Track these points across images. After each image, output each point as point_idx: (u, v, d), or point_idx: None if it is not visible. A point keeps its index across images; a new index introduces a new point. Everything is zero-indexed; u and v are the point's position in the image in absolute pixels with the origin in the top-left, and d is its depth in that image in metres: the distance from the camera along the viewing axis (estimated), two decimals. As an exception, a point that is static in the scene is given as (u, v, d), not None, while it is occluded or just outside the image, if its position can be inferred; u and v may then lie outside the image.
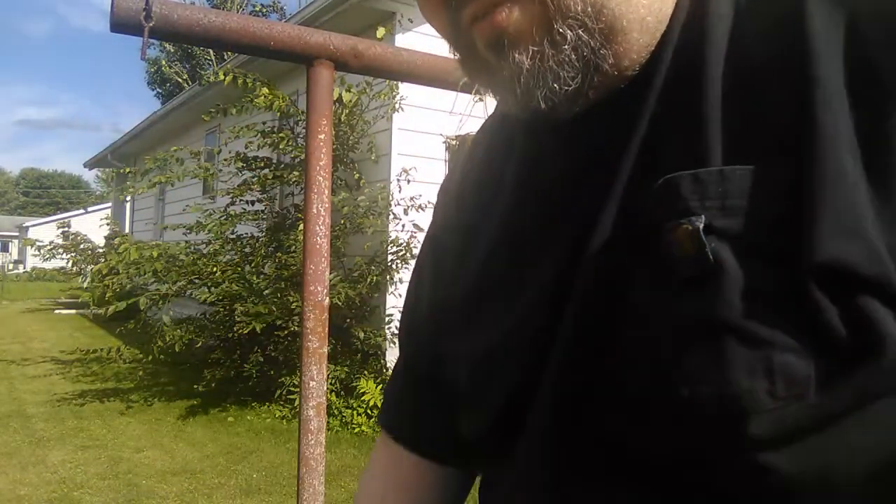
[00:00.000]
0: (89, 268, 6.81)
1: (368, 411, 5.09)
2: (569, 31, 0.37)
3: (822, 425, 0.32)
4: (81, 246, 6.89)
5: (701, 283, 0.34)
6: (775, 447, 0.32)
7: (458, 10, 0.40)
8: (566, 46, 0.37)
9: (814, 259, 0.31)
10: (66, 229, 7.17)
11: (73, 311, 14.36)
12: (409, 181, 5.52)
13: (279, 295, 5.22)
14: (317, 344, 1.30)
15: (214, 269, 5.53)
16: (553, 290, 0.42)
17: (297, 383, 5.00)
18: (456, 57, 0.44)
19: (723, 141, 0.35)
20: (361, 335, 5.31)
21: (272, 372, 5.45)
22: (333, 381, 5.18)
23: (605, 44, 0.38)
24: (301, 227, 3.88)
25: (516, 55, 0.38)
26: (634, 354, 0.37)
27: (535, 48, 0.38)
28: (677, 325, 0.34)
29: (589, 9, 0.37)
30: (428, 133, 5.75)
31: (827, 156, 0.32)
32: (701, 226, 0.34)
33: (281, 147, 5.71)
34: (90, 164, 17.22)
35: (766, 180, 0.33)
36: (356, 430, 4.95)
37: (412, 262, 5.37)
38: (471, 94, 1.47)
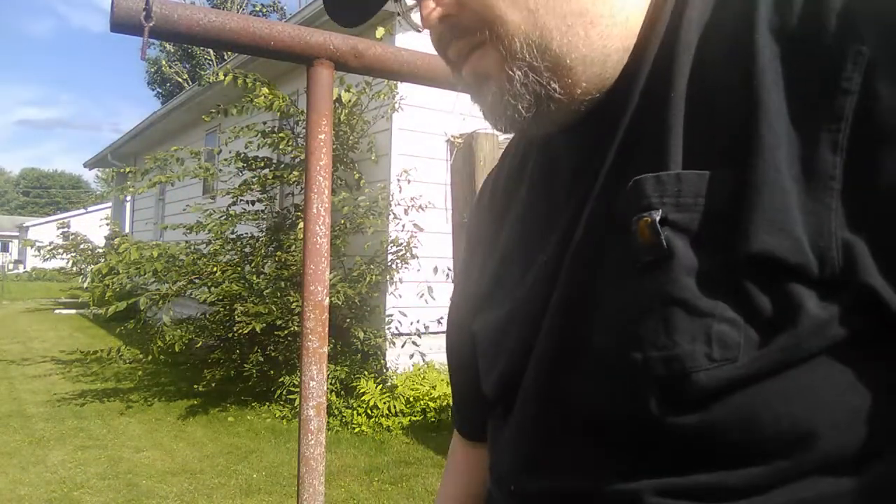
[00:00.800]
0: (89, 268, 6.80)
1: (368, 411, 5.09)
2: (517, 71, 0.46)
3: (748, 383, 0.39)
4: (81, 246, 6.88)
5: (657, 265, 0.41)
6: (710, 401, 0.40)
7: (445, 49, 0.51)
8: (516, 83, 0.47)
9: (748, 249, 0.38)
10: (66, 229, 7.17)
11: (73, 311, 14.36)
12: (409, 181, 5.52)
13: (279, 295, 5.22)
14: (317, 344, 1.30)
15: (214, 268, 5.53)
16: (547, 274, 0.50)
17: (297, 383, 5.00)
18: (454, 77, 0.53)
19: (683, 150, 0.42)
20: (361, 335, 5.30)
21: (272, 372, 5.45)
22: (333, 381, 5.18)
23: (554, 77, 0.46)
24: (301, 226, 3.87)
25: (485, 89, 0.49)
26: (602, 327, 0.44)
27: (497, 86, 0.48)
28: (636, 301, 0.42)
29: (534, 51, 0.46)
30: (428, 133, 5.76)
31: (765, 166, 0.38)
32: (658, 218, 0.41)
33: (281, 147, 5.70)
34: (90, 164, 17.22)
35: (714, 183, 0.40)
36: (356, 430, 4.95)
37: (412, 262, 5.38)
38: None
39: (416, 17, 0.55)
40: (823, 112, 0.38)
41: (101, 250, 6.95)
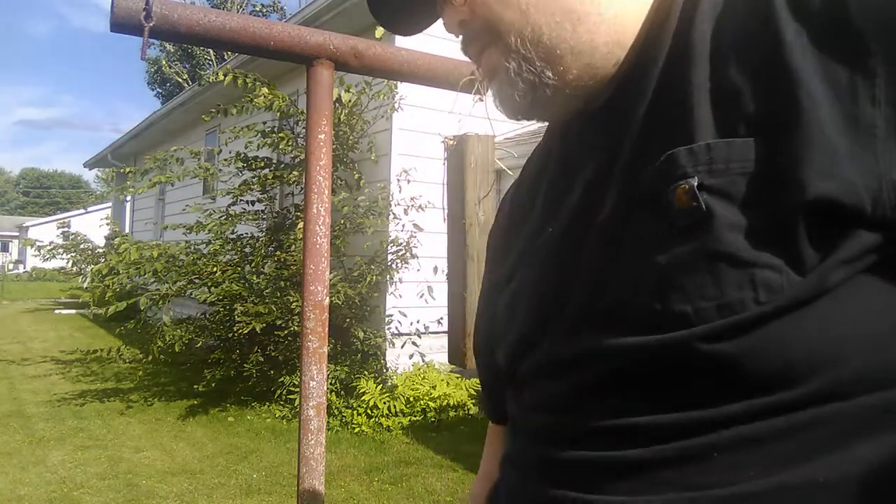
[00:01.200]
0: (89, 268, 6.79)
1: (368, 411, 5.09)
2: (513, 63, 0.54)
3: (785, 313, 0.43)
4: (81, 246, 6.89)
5: (696, 226, 0.45)
6: (751, 334, 0.43)
7: (467, 48, 0.60)
8: (511, 73, 0.55)
9: (804, 197, 0.42)
10: (66, 229, 7.17)
11: (73, 311, 14.35)
12: (409, 181, 5.52)
13: (279, 295, 5.22)
14: (317, 344, 1.30)
15: (214, 268, 5.52)
16: (563, 245, 0.55)
17: (297, 383, 5.00)
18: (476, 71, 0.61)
19: (713, 122, 0.47)
20: (361, 335, 5.30)
21: (272, 372, 5.45)
22: (333, 381, 5.18)
23: (547, 66, 0.54)
24: (301, 226, 3.85)
25: (493, 81, 0.57)
26: (640, 286, 0.48)
27: (499, 77, 0.56)
28: (677, 261, 0.46)
29: (528, 44, 0.53)
30: (428, 133, 5.75)
31: (809, 126, 0.42)
32: (695, 184, 0.45)
33: (281, 147, 5.70)
34: (90, 164, 17.22)
35: (742, 148, 0.44)
36: (356, 430, 4.95)
37: (412, 262, 5.38)
38: (471, 94, 1.47)
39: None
40: (857, 73, 0.42)
41: (101, 250, 6.95)
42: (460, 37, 0.60)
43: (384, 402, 5.08)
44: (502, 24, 0.54)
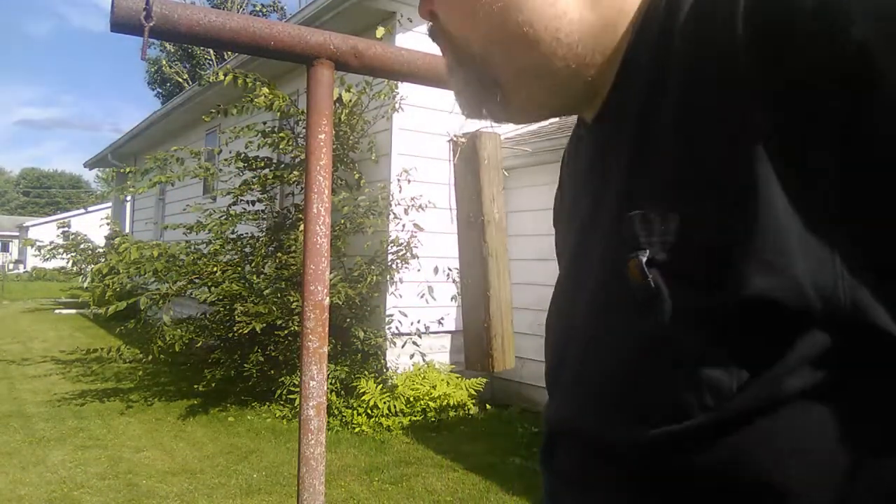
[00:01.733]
0: (89, 268, 6.80)
1: (368, 411, 5.09)
2: (462, 75, 0.54)
3: (738, 424, 0.38)
4: (81, 246, 6.89)
5: (649, 305, 0.41)
6: (701, 443, 0.39)
7: (432, 40, 0.58)
8: (461, 84, 0.55)
9: (744, 293, 0.37)
10: (66, 229, 7.18)
11: (73, 311, 14.35)
12: (409, 181, 5.52)
13: (279, 295, 5.22)
14: (317, 344, 1.30)
15: (214, 268, 5.53)
16: (567, 284, 0.56)
17: (297, 383, 5.00)
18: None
19: (673, 184, 0.42)
20: (361, 335, 5.30)
21: (272, 372, 5.45)
22: (333, 381, 5.18)
23: (497, 87, 0.52)
24: (301, 226, 3.86)
25: (451, 80, 0.57)
26: (612, 371, 0.45)
27: (453, 80, 0.56)
28: (633, 341, 0.43)
29: (478, 63, 0.52)
30: (428, 133, 5.75)
31: (758, 200, 0.37)
32: (644, 259, 0.41)
33: (281, 147, 5.70)
34: (90, 164, 17.22)
35: (701, 222, 0.39)
36: (356, 430, 4.95)
37: (412, 262, 5.39)
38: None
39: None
40: (817, 156, 0.36)
41: (101, 250, 6.96)
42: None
43: (384, 402, 5.08)
44: (454, 38, 0.53)
